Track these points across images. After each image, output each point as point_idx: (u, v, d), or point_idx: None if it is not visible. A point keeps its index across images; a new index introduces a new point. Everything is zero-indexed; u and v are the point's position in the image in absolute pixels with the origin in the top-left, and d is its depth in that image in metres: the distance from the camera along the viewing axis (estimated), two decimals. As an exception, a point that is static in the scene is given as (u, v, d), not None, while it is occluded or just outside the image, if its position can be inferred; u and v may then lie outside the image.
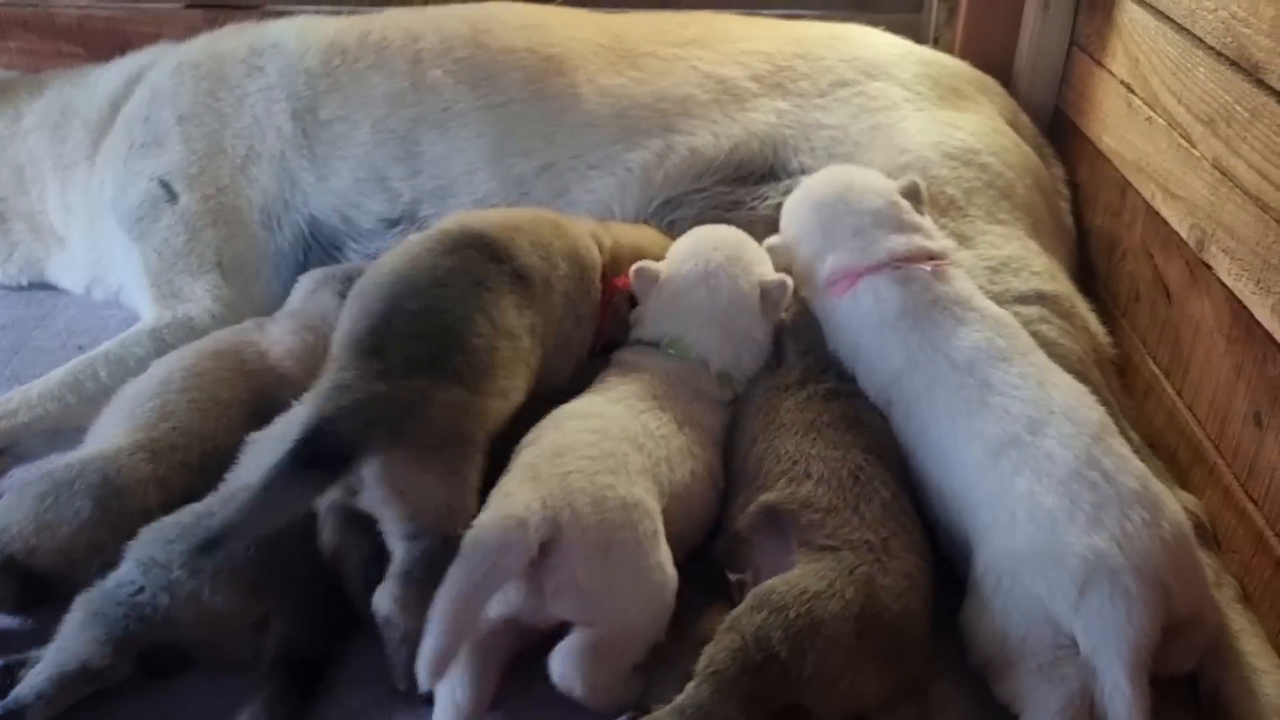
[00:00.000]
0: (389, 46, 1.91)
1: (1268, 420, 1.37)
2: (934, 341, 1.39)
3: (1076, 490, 1.20)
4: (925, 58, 2.01)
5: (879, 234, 1.48)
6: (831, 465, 1.31)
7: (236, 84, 1.92)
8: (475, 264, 1.34)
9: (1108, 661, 1.12)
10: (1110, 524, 1.17)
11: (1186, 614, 1.18)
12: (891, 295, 1.43)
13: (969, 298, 1.43)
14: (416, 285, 1.30)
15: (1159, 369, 1.70)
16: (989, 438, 1.29)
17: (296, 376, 1.55)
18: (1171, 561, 1.16)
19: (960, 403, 1.33)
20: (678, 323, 1.50)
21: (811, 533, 1.24)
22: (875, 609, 1.16)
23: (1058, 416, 1.27)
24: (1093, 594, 1.14)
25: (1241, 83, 1.45)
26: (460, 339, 1.26)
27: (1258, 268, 1.39)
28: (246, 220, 1.86)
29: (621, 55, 1.91)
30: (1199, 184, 1.55)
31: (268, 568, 1.21)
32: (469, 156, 1.83)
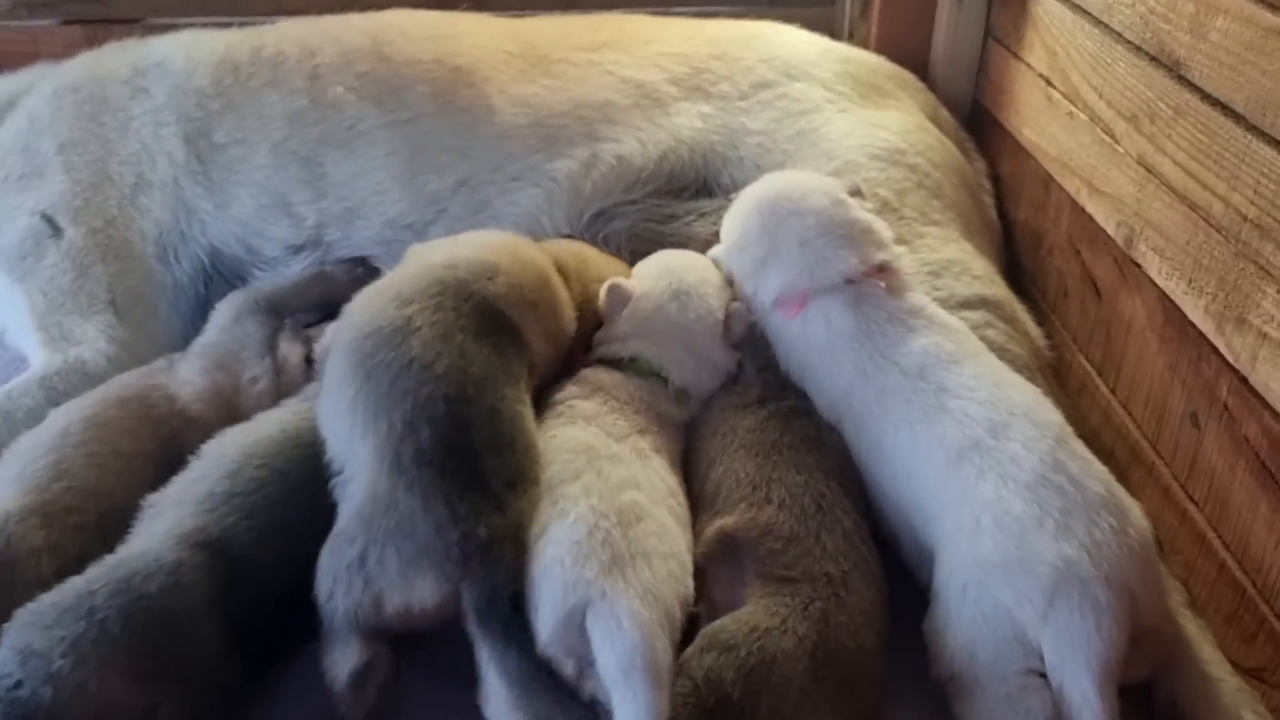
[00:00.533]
0: (284, 62, 1.81)
1: (1204, 421, 1.37)
2: (882, 351, 1.35)
3: (1044, 496, 1.17)
4: (843, 55, 1.98)
5: (827, 247, 1.43)
6: (794, 491, 1.26)
7: (120, 107, 1.79)
8: (504, 349, 1.29)
9: (1076, 673, 1.09)
10: (1079, 531, 1.14)
11: (1149, 622, 1.16)
12: (844, 320, 1.38)
13: (920, 307, 1.40)
14: (474, 380, 1.21)
15: (1091, 366, 1.69)
16: (949, 442, 1.25)
17: (207, 420, 1.45)
18: (1139, 570, 1.14)
19: (916, 409, 1.29)
20: (645, 340, 1.45)
21: (770, 562, 1.19)
22: (830, 646, 1.12)
23: (1019, 418, 1.24)
24: (1061, 604, 1.11)
25: (1164, 79, 1.43)
26: (525, 439, 1.22)
27: (1189, 267, 1.38)
28: (139, 254, 1.74)
29: (533, 63, 1.84)
30: (1125, 181, 1.54)
31: (158, 651, 1.12)
32: (378, 176, 1.74)
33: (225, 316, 1.61)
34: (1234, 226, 1.28)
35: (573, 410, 1.35)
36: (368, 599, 1.13)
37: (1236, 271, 1.27)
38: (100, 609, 1.10)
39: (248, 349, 1.54)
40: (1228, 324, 1.29)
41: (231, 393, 1.51)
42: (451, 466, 1.14)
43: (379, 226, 1.73)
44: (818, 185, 1.51)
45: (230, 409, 1.48)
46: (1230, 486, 1.31)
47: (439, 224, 1.74)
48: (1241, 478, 1.28)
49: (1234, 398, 1.29)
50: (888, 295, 1.40)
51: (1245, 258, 1.25)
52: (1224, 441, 1.32)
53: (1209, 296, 1.33)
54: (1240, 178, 1.26)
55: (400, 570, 1.12)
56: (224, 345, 1.56)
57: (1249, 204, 1.24)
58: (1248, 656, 1.26)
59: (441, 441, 1.15)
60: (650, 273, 1.53)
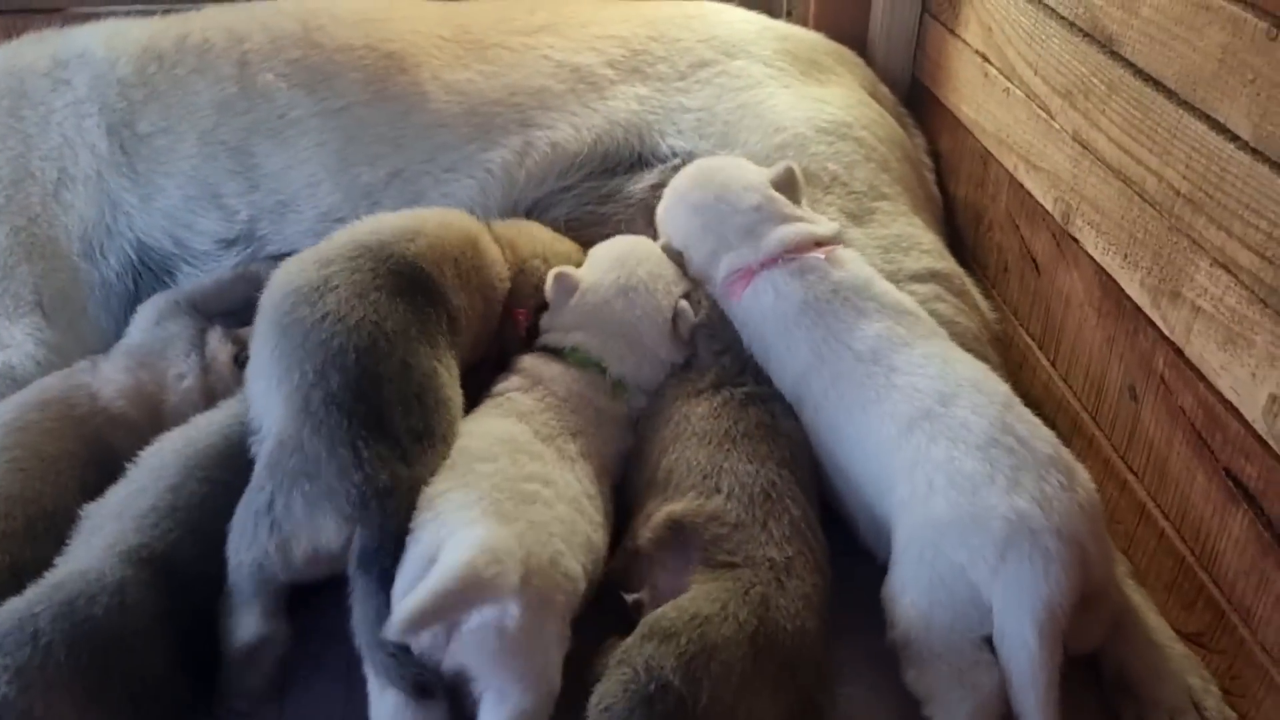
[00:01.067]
0: (211, 49, 1.75)
1: (1142, 393, 1.39)
2: (837, 334, 1.36)
3: (995, 455, 1.19)
4: (782, 32, 1.97)
5: (764, 224, 1.46)
6: (744, 480, 1.26)
7: (41, 100, 1.72)
8: (421, 309, 1.29)
9: (1020, 619, 1.10)
10: (1030, 486, 1.16)
11: (1096, 585, 1.18)
12: (791, 289, 1.40)
13: (867, 282, 1.41)
14: (386, 335, 1.23)
15: (1032, 340, 1.71)
16: (899, 416, 1.27)
17: (131, 418, 1.42)
18: (1088, 525, 1.16)
19: (869, 391, 1.31)
20: (588, 332, 1.44)
21: (714, 548, 1.19)
22: (771, 630, 1.12)
23: (967, 388, 1.26)
24: (1012, 554, 1.12)
25: (1097, 55, 1.44)
26: (437, 394, 1.23)
27: (1124, 242, 1.39)
28: (65, 251, 1.68)
29: (467, 48, 1.81)
30: (1061, 156, 1.55)
31: (106, 673, 1.09)
32: (310, 168, 1.70)
33: (148, 318, 1.57)
34: (1167, 201, 1.29)
35: (510, 404, 1.34)
36: (274, 546, 1.14)
37: (1170, 246, 1.29)
38: (44, 633, 1.07)
39: (173, 348, 1.50)
40: (1163, 297, 1.31)
41: (155, 390, 1.47)
42: (360, 412, 1.17)
43: (311, 220, 1.69)
44: (749, 182, 1.52)
45: (154, 407, 1.45)
46: (1168, 457, 1.33)
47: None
48: (1179, 448, 1.31)
49: (1170, 370, 1.31)
50: (829, 267, 1.41)
51: (1178, 232, 1.27)
52: (1161, 413, 1.34)
53: (1144, 270, 1.35)
54: (1172, 153, 1.27)
55: (305, 511, 1.14)
56: (147, 345, 1.53)
57: (1181, 179, 1.26)
58: (1188, 622, 1.29)
59: (351, 388, 1.18)
60: (601, 264, 1.51)
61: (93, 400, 1.42)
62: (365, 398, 1.18)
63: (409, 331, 1.26)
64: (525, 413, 1.33)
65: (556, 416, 1.34)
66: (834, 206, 1.64)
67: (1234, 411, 1.19)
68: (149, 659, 1.12)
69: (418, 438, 1.18)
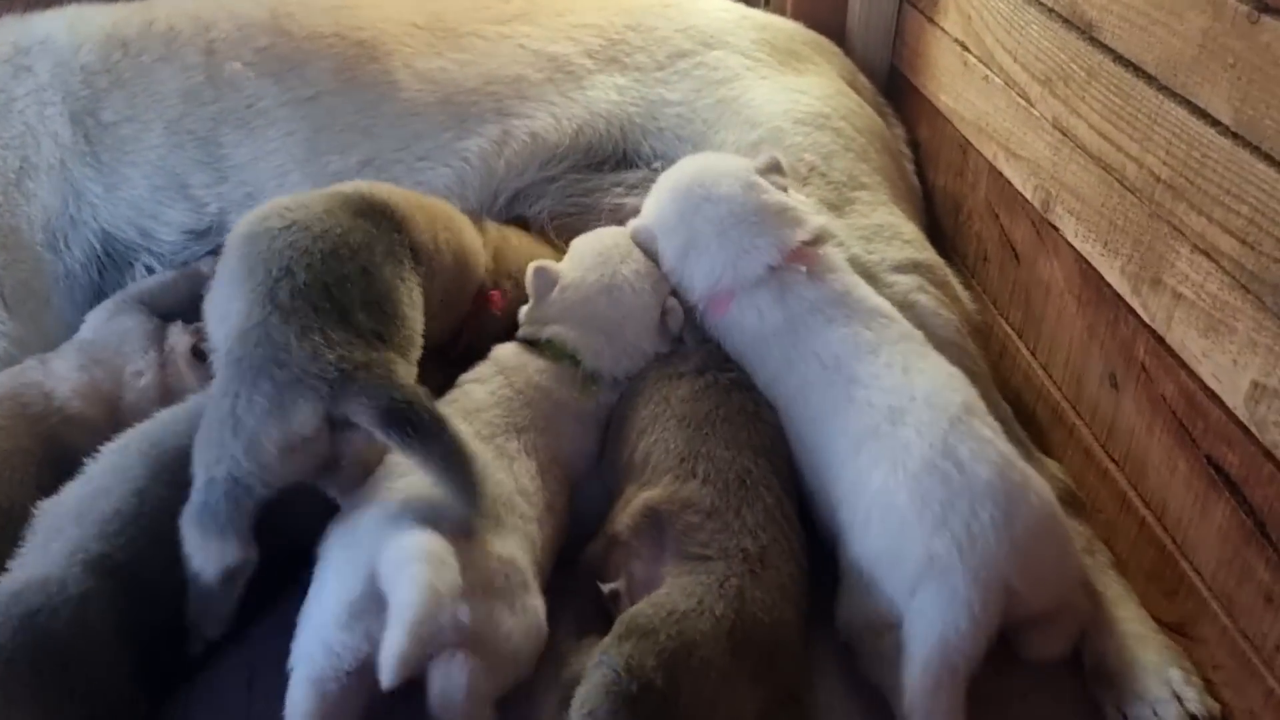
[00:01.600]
0: (178, 36, 1.72)
1: (1123, 381, 1.38)
2: (805, 342, 1.34)
3: (928, 485, 1.17)
4: (760, 22, 1.96)
5: (744, 237, 1.41)
6: (720, 466, 1.25)
7: (1, 87, 1.68)
8: (385, 232, 1.28)
9: (914, 654, 1.10)
10: (955, 524, 1.13)
11: (1048, 606, 1.17)
12: (774, 314, 1.37)
13: (845, 293, 1.38)
14: (349, 244, 1.23)
15: (1012, 330, 1.70)
16: (851, 433, 1.26)
17: (89, 417, 1.39)
18: (1022, 563, 1.13)
19: (829, 402, 1.30)
20: (566, 328, 1.42)
21: (687, 539, 1.18)
22: (748, 623, 1.11)
23: (918, 403, 1.24)
24: (920, 595, 1.13)
25: (1076, 41, 1.43)
26: (396, 308, 1.21)
27: (1104, 229, 1.38)
28: (27, 242, 1.64)
29: (440, 36, 1.78)
30: (1040, 144, 1.54)
31: (67, 688, 1.06)
32: (279, 158, 1.67)
33: (100, 316, 1.55)
34: (1147, 188, 1.28)
35: (463, 398, 1.33)
36: (243, 449, 1.09)
37: (1151, 233, 1.28)
38: (5, 648, 1.04)
39: (128, 343, 1.47)
40: (1143, 285, 1.30)
41: (112, 387, 1.45)
42: (325, 308, 1.15)
43: None
44: (729, 169, 1.48)
45: (111, 405, 1.42)
46: (1149, 445, 1.32)
47: None
48: (1160, 436, 1.30)
49: (1151, 358, 1.30)
50: (810, 281, 1.39)
51: (1159, 218, 1.26)
52: (1142, 401, 1.33)
53: (1124, 258, 1.34)
54: (1153, 139, 1.26)
55: (275, 400, 1.09)
56: (100, 341, 1.50)
57: (1161, 165, 1.25)
58: (1169, 612, 1.28)
59: (317, 285, 1.17)
60: (584, 260, 1.47)
61: (47, 399, 1.39)
62: (330, 294, 1.16)
63: (372, 246, 1.25)
64: (473, 410, 1.31)
65: (504, 413, 1.32)
66: (813, 197, 1.62)
67: (1215, 399, 1.18)
68: (110, 674, 1.09)
69: (379, 337, 1.16)
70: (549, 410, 1.36)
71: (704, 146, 1.72)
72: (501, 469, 1.25)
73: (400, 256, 1.28)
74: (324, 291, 1.16)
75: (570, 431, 1.37)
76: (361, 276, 1.20)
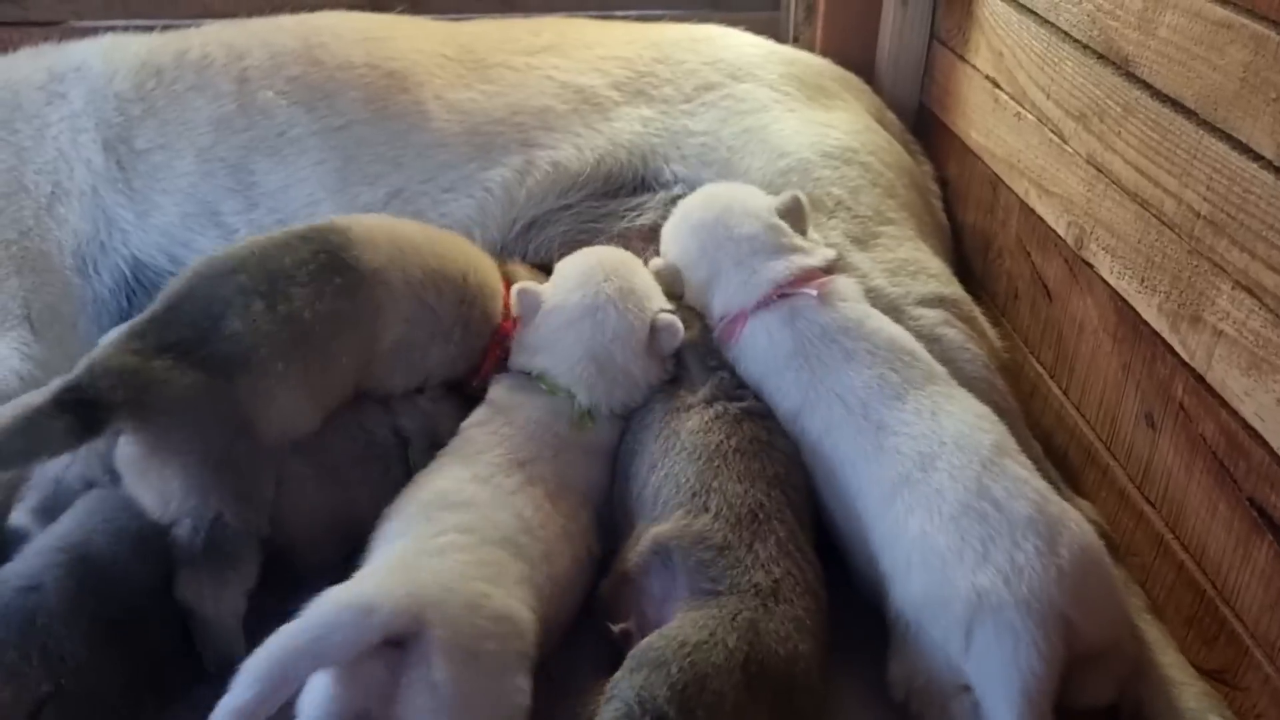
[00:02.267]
0: (211, 65, 1.73)
1: (1160, 421, 1.35)
2: (824, 381, 1.33)
3: (965, 525, 1.16)
4: (788, 57, 1.96)
5: (756, 261, 1.43)
6: (731, 501, 1.22)
7: (36, 114, 1.70)
8: (290, 254, 1.31)
9: (995, 704, 1.07)
10: (999, 558, 1.12)
11: (1101, 642, 1.14)
12: (783, 336, 1.37)
13: (859, 322, 1.37)
14: (213, 268, 1.29)
15: (1043, 369, 1.68)
16: (884, 481, 1.25)
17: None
18: (1073, 589, 1.11)
19: (858, 449, 1.28)
20: (555, 356, 1.39)
21: (699, 575, 1.16)
22: (761, 655, 1.08)
23: (948, 448, 1.23)
24: (977, 634, 1.10)
25: (1112, 77, 1.42)
26: (217, 325, 1.23)
27: (1141, 265, 1.36)
28: (56, 266, 1.64)
29: (470, 67, 1.79)
30: (1074, 180, 1.52)
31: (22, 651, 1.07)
32: (309, 186, 1.67)
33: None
34: (1186, 224, 1.26)
35: (463, 444, 1.32)
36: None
37: (1190, 269, 1.26)
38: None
39: None
40: (1182, 322, 1.28)
41: None
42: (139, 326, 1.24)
43: None
44: (753, 209, 1.49)
45: None
46: (1187, 487, 1.29)
47: None
48: (1199, 477, 1.27)
49: (1190, 396, 1.27)
50: (821, 307, 1.38)
51: (1199, 254, 1.24)
52: (1180, 441, 1.30)
53: (1162, 295, 1.32)
54: (1192, 174, 1.24)
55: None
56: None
57: (1201, 200, 1.23)
58: (1209, 659, 1.24)
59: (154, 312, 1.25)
60: (568, 281, 1.45)
61: None
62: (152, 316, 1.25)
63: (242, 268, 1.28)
64: (473, 454, 1.30)
65: (507, 450, 1.30)
66: (838, 230, 1.61)
67: (1258, 439, 1.15)
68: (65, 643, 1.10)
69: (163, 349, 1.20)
70: (553, 442, 1.34)
71: (728, 173, 1.71)
72: (500, 509, 1.22)
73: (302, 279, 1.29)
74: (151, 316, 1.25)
75: (578, 463, 1.35)
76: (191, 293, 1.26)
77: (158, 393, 1.17)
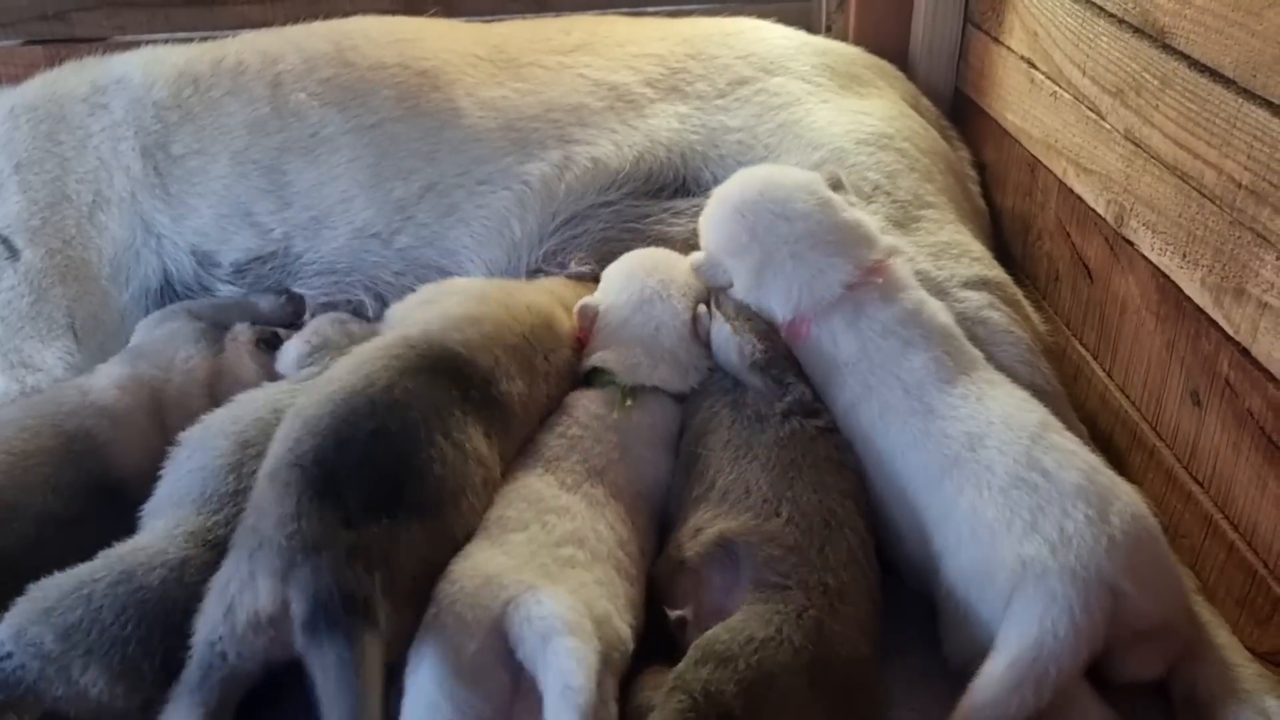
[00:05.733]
0: (245, 71, 1.76)
1: (1206, 398, 1.31)
2: (883, 364, 1.31)
3: (1016, 497, 1.15)
4: (821, 47, 1.94)
5: (821, 259, 1.37)
6: (805, 509, 1.21)
7: (79, 124, 1.74)
8: (442, 388, 1.22)
9: (1001, 648, 1.06)
10: (1047, 527, 1.11)
11: (1154, 619, 1.11)
12: (847, 340, 1.34)
13: (917, 310, 1.35)
14: (374, 405, 1.15)
15: (1086, 350, 1.64)
16: (933, 465, 1.24)
17: (124, 407, 1.40)
18: (1124, 558, 1.09)
19: (907, 434, 1.27)
20: (610, 351, 1.42)
21: (767, 569, 1.14)
22: (827, 656, 1.07)
23: (996, 426, 1.22)
24: (1016, 599, 1.09)
25: (1148, 49, 1.39)
26: (429, 471, 1.14)
27: (1182, 240, 1.33)
28: (97, 274, 1.68)
29: (502, 66, 1.80)
30: (1113, 157, 1.49)
31: (147, 648, 1.09)
32: (343, 184, 1.69)
33: (148, 325, 1.58)
34: (1228, 195, 1.23)
35: (543, 450, 1.31)
36: (221, 613, 1.06)
37: (1233, 241, 1.22)
38: (98, 596, 1.09)
39: (178, 339, 1.50)
40: (1226, 295, 1.24)
41: (156, 375, 1.46)
42: (314, 473, 1.08)
43: (346, 235, 1.68)
44: (800, 183, 1.44)
45: (153, 394, 1.43)
46: (1236, 464, 1.25)
47: (406, 231, 1.69)
48: (1247, 454, 1.23)
49: (1235, 371, 1.24)
50: (882, 302, 1.35)
51: (1241, 225, 1.21)
52: (1227, 418, 1.27)
53: (1205, 269, 1.29)
54: (1232, 144, 1.21)
55: (248, 570, 1.05)
56: (149, 343, 1.53)
57: (1243, 170, 1.20)
58: (1262, 640, 1.21)
59: (315, 451, 1.10)
60: (615, 284, 1.50)
61: (82, 395, 1.41)
62: (324, 460, 1.09)
63: (408, 407, 1.17)
64: (553, 458, 1.30)
65: (581, 458, 1.30)
66: (879, 215, 1.59)
67: (1307, 412, 1.12)
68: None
69: (375, 507, 1.08)
70: (616, 441, 1.33)
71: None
72: (597, 519, 1.23)
73: (462, 413, 1.22)
74: (319, 458, 1.10)
75: (645, 457, 1.35)
76: (372, 439, 1.13)
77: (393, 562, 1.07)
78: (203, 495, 1.21)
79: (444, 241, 1.69)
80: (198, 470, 1.24)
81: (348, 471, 1.09)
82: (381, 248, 1.68)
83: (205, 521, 1.19)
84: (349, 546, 1.04)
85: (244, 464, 1.23)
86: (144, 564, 1.13)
